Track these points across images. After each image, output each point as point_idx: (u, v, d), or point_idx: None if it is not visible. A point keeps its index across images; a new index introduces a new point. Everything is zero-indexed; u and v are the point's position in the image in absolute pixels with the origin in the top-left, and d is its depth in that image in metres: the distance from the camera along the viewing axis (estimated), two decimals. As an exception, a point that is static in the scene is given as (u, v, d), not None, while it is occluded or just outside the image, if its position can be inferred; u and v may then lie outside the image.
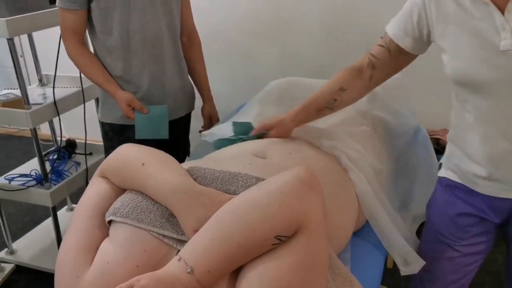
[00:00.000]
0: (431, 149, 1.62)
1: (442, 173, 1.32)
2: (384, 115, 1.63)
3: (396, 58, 1.28)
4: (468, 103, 1.15)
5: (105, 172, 1.11)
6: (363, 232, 1.40)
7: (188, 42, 1.96)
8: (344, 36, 2.59)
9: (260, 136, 1.42)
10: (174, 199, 0.97)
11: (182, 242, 0.93)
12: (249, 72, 2.86)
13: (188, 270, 0.84)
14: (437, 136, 2.30)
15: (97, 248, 0.98)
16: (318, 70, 2.67)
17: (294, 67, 2.74)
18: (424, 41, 1.21)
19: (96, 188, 1.09)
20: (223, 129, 1.56)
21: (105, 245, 0.98)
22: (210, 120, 2.07)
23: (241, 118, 1.67)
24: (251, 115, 1.62)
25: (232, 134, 1.48)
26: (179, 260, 0.86)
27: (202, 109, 2.07)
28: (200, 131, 1.98)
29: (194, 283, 0.84)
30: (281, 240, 0.87)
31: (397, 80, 1.88)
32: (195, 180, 1.05)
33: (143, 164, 1.04)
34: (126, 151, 1.11)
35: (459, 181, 1.25)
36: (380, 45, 1.29)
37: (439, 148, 2.16)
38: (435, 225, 1.32)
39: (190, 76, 2.01)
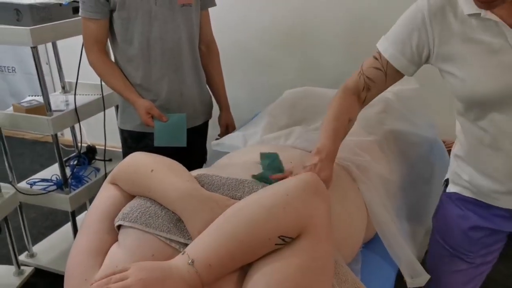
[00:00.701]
0: (448, 160, 1.59)
1: (452, 189, 1.28)
2: (398, 125, 1.62)
3: (391, 79, 1.23)
4: (483, 122, 1.11)
5: (116, 178, 1.14)
6: (375, 244, 1.38)
7: (206, 51, 1.99)
8: (365, 45, 2.56)
9: None
10: (181, 204, 1.00)
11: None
12: (268, 82, 2.88)
13: (189, 262, 0.87)
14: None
15: (106, 252, 1.01)
16: (339, 79, 2.65)
17: (314, 76, 2.75)
18: (421, 63, 1.18)
19: (106, 194, 1.12)
20: (233, 139, 1.58)
21: (114, 249, 1.00)
22: (227, 128, 2.08)
23: (252, 127, 1.68)
24: (261, 124, 1.63)
25: (244, 145, 1.49)
26: (182, 254, 0.90)
27: (219, 117, 2.10)
28: (216, 139, 2.00)
29: (193, 274, 0.86)
30: (285, 241, 0.89)
31: (413, 91, 1.88)
32: (202, 186, 1.08)
33: (152, 170, 1.07)
34: (136, 159, 1.14)
35: (473, 196, 1.22)
36: (376, 68, 1.23)
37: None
38: (445, 238, 1.30)
39: (208, 85, 2.04)
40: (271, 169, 1.27)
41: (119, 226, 1.03)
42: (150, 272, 0.86)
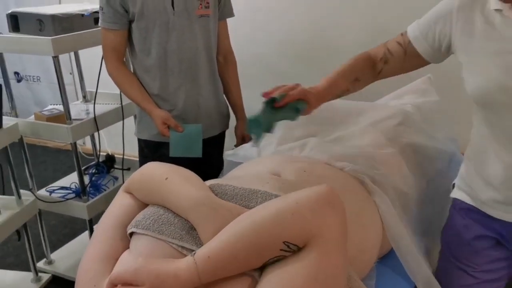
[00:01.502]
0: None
1: (456, 194, 1.28)
2: (416, 139, 1.59)
3: (410, 59, 1.26)
4: (488, 123, 1.11)
5: (130, 187, 1.15)
6: (390, 260, 1.35)
7: (224, 62, 1.99)
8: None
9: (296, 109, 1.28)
10: (194, 212, 1.00)
11: None
12: (286, 93, 2.86)
13: (194, 261, 0.88)
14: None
15: (117, 259, 1.01)
16: (357, 93, 2.64)
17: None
18: (442, 51, 1.19)
19: (120, 202, 1.14)
20: (248, 150, 1.57)
21: (125, 256, 1.01)
22: (243, 139, 2.08)
23: (266, 138, 1.66)
24: (275, 136, 1.62)
25: (257, 156, 1.47)
26: (191, 257, 0.90)
27: (236, 128, 2.09)
28: (227, 152, 2.00)
29: (191, 263, 0.87)
30: (290, 248, 0.88)
31: (434, 103, 1.84)
32: (216, 195, 1.06)
33: (166, 178, 1.07)
34: (150, 168, 1.15)
35: (473, 204, 1.22)
36: (398, 43, 1.28)
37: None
38: (451, 250, 1.28)
39: (225, 95, 2.04)
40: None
41: (131, 234, 1.03)
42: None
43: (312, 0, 2.62)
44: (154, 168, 1.15)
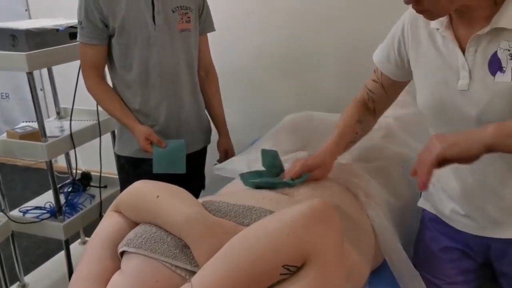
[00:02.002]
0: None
1: (422, 203, 1.32)
2: (401, 150, 1.60)
3: (389, 88, 1.32)
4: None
5: (119, 206, 1.12)
6: (383, 272, 1.34)
7: (205, 76, 1.98)
8: (362, 71, 2.57)
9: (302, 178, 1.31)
10: (188, 229, 0.97)
11: (195, 274, 0.91)
12: (265, 106, 2.87)
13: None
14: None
15: (108, 280, 0.98)
16: (335, 104, 2.65)
17: (311, 101, 2.73)
18: (406, 68, 1.23)
19: (109, 221, 1.10)
20: (236, 164, 1.55)
21: (116, 277, 0.97)
22: (226, 154, 2.06)
23: (254, 152, 1.65)
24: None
25: (247, 169, 1.45)
26: (188, 282, 0.87)
27: (218, 143, 2.07)
28: (215, 165, 1.97)
29: None
30: (290, 270, 0.86)
31: (413, 115, 1.86)
32: (209, 212, 1.04)
33: (157, 196, 1.04)
34: (140, 186, 1.12)
35: (438, 214, 1.25)
36: (374, 80, 1.34)
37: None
38: (421, 262, 1.29)
39: (207, 110, 2.02)
40: (272, 167, 1.35)
41: (122, 254, 1.00)
42: None
43: (290, 14, 2.64)
44: (143, 186, 1.11)
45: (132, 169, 1.91)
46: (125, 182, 1.95)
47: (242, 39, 2.78)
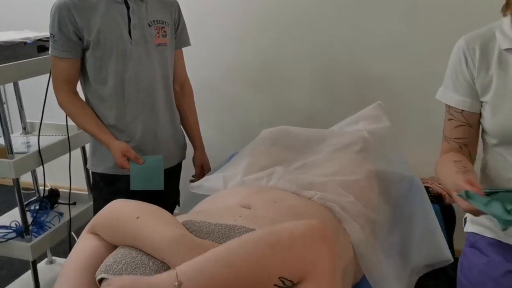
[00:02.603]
0: (426, 198, 1.60)
1: (470, 228, 1.25)
2: (378, 164, 1.62)
3: (476, 123, 1.20)
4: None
5: (96, 227, 1.07)
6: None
7: (180, 91, 1.96)
8: (334, 85, 2.63)
9: None
10: (171, 251, 0.94)
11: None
12: (239, 120, 2.87)
13: (175, 284, 0.83)
14: (426, 185, 2.29)
15: None
16: (308, 118, 2.69)
17: (284, 115, 2.76)
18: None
19: (85, 244, 1.05)
20: (213, 181, 1.54)
21: None
22: (202, 169, 2.04)
23: (231, 168, 1.65)
24: (241, 166, 1.60)
25: (223, 187, 1.44)
26: (171, 271, 0.87)
27: (194, 158, 2.05)
28: (191, 181, 1.95)
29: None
30: (284, 284, 0.86)
31: (386, 129, 1.90)
32: (190, 233, 1.01)
33: (137, 217, 1.01)
34: (117, 206, 1.08)
35: (496, 237, 1.17)
36: (457, 126, 1.20)
37: (430, 196, 2.15)
38: None
39: (182, 124, 2.00)
40: None
41: (100, 280, 0.95)
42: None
43: (264, 28, 2.66)
44: (121, 207, 1.07)
45: (107, 186, 1.86)
46: (98, 199, 1.90)
47: (216, 54, 2.78)
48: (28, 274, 2.37)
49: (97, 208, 1.90)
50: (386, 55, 2.49)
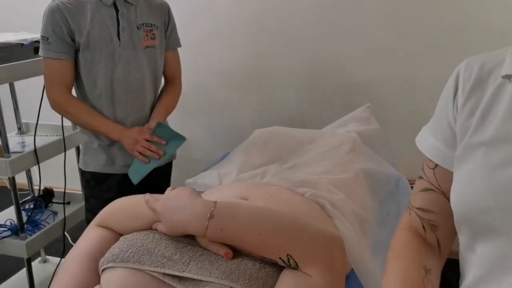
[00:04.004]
0: (412, 197, 1.65)
1: None
2: (366, 164, 1.67)
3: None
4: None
5: (107, 219, 1.13)
6: (350, 281, 1.39)
7: (167, 85, 1.98)
8: (322, 87, 2.69)
9: None
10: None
11: (184, 279, 0.94)
12: (228, 122, 2.91)
13: (208, 215, 0.94)
14: (413, 185, 2.35)
15: None
16: (298, 120, 2.74)
17: (274, 117, 2.80)
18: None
19: (90, 234, 1.11)
20: (208, 178, 1.58)
21: None
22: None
23: (225, 166, 1.69)
24: (235, 164, 1.65)
25: (218, 183, 1.49)
26: (213, 202, 0.97)
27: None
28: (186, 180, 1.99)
29: (203, 226, 0.95)
30: (287, 263, 0.93)
31: (375, 130, 1.96)
32: None
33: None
34: (121, 199, 1.15)
35: None
36: (424, 189, 0.84)
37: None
38: None
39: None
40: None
41: (103, 269, 1.00)
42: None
43: (255, 32, 2.71)
44: (126, 198, 1.15)
45: (98, 184, 1.90)
46: (90, 197, 1.93)
47: (206, 56, 2.82)
48: (22, 272, 2.39)
49: (88, 206, 1.94)
50: (373, 60, 2.55)
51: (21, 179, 2.60)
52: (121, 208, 1.12)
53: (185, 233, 0.99)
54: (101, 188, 1.89)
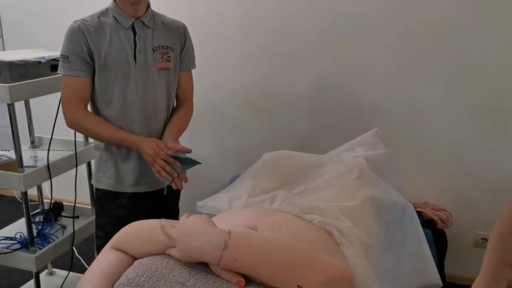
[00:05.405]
0: (418, 224, 1.67)
1: None
2: (373, 191, 1.70)
3: None
4: None
5: (121, 241, 1.15)
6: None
7: (180, 104, 2.01)
8: (330, 110, 2.72)
9: None
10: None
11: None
12: (238, 142, 2.95)
13: (222, 245, 0.97)
14: (419, 209, 2.37)
15: None
16: (305, 142, 2.78)
17: (281, 137, 2.84)
18: None
19: (105, 257, 1.13)
20: (218, 201, 1.61)
21: None
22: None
23: (235, 190, 1.72)
24: (245, 188, 1.67)
25: (228, 207, 1.52)
26: (228, 232, 1.00)
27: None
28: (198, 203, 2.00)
29: (217, 255, 0.97)
30: None
31: (382, 155, 1.99)
32: None
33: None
34: (137, 223, 1.18)
35: None
36: None
37: (422, 221, 2.23)
38: None
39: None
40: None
41: None
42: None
43: (265, 56, 2.76)
44: (142, 222, 1.18)
45: (108, 202, 1.94)
46: (100, 214, 1.97)
47: (218, 77, 2.87)
48: (29, 285, 2.42)
49: (98, 222, 1.98)
50: (381, 85, 2.58)
51: (30, 190, 2.65)
52: (137, 232, 1.15)
53: (199, 261, 1.02)
54: (111, 206, 1.93)
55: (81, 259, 2.75)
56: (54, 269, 2.61)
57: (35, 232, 2.12)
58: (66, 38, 1.74)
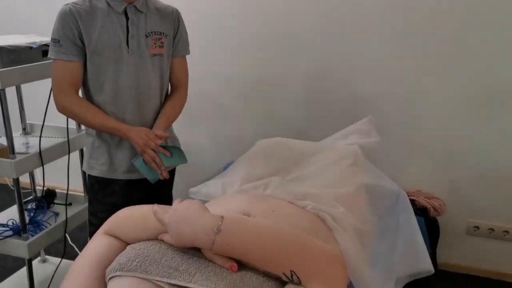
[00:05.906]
0: (411, 211, 1.68)
1: None
2: (367, 178, 1.70)
3: None
4: None
5: (114, 224, 1.15)
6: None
7: (173, 91, 2.00)
8: (324, 99, 2.72)
9: None
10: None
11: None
12: (232, 131, 2.94)
13: (215, 229, 0.97)
14: (412, 198, 2.38)
15: None
16: (300, 130, 2.78)
17: (277, 126, 2.83)
18: None
19: (97, 243, 1.12)
20: (211, 187, 1.61)
21: None
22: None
23: (229, 176, 1.72)
24: (239, 174, 1.67)
25: (222, 192, 1.52)
26: (221, 217, 1.00)
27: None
28: (190, 189, 2.01)
29: (210, 240, 0.97)
30: (291, 279, 0.95)
31: (376, 143, 1.99)
32: None
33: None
34: (129, 208, 1.16)
35: None
36: None
37: (415, 209, 2.24)
38: None
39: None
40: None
41: (110, 278, 1.02)
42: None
43: (260, 43, 2.74)
44: (134, 207, 1.16)
45: (101, 189, 1.92)
46: (93, 201, 1.96)
47: (212, 65, 2.85)
48: (21, 271, 2.42)
49: (92, 209, 1.97)
50: (375, 74, 2.58)
51: (23, 177, 2.64)
52: (129, 217, 1.14)
53: (192, 246, 1.01)
54: (104, 193, 1.92)
55: (74, 246, 2.75)
56: (47, 256, 2.61)
57: (27, 219, 2.11)
58: (56, 21, 1.71)
